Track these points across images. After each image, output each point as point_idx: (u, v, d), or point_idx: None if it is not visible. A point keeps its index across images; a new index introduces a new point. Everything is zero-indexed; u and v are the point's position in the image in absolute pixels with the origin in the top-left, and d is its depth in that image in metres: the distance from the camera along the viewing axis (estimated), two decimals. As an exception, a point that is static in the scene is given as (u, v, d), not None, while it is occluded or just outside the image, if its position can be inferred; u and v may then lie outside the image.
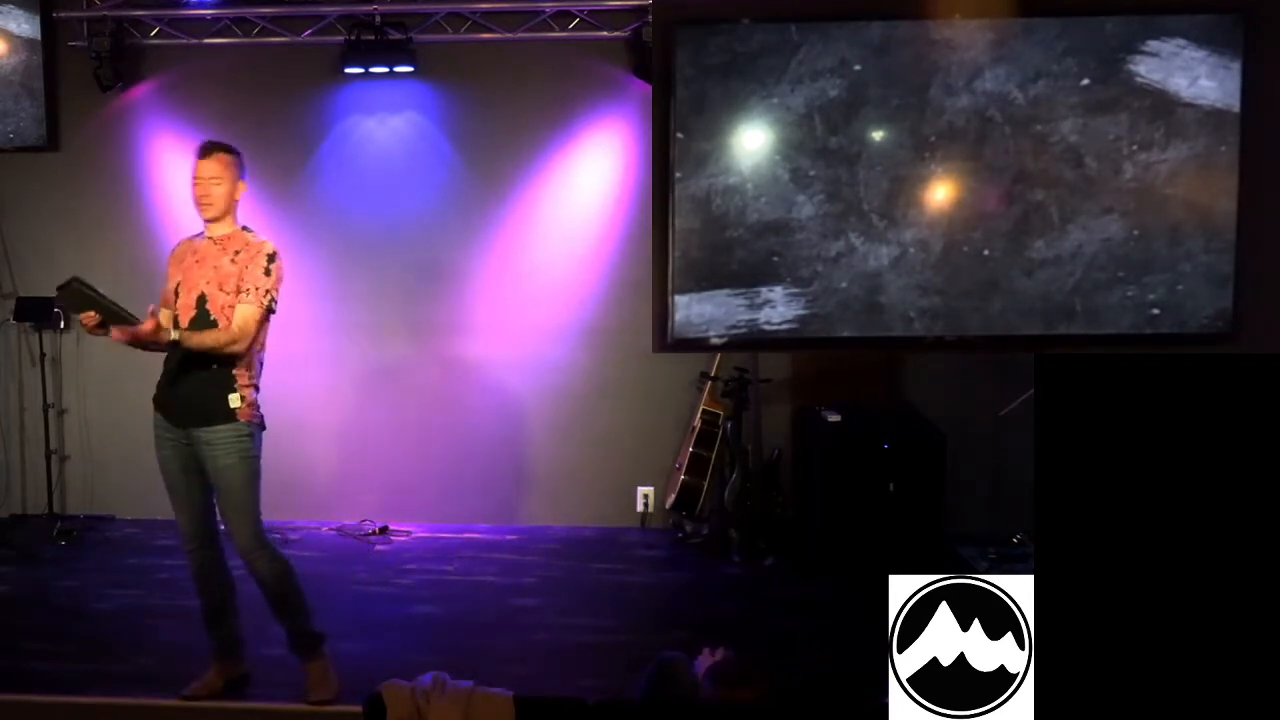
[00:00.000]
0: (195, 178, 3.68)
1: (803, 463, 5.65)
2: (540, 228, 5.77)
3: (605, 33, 5.55)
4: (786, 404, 5.75)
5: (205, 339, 3.63)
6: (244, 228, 3.78)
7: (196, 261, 3.73)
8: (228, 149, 3.74)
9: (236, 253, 3.70)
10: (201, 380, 3.67)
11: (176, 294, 3.74)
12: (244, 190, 3.77)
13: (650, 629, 4.55)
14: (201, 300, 3.69)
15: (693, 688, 2.54)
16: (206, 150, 3.71)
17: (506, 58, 5.67)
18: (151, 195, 5.83)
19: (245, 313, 3.65)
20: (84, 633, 4.46)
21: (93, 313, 3.53)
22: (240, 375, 3.69)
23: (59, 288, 3.54)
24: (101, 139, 5.80)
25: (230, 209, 3.72)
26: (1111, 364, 2.02)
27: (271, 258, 3.70)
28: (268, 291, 3.69)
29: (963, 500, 5.28)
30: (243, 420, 3.68)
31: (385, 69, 5.53)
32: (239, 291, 3.66)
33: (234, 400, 3.67)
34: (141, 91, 5.79)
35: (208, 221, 3.71)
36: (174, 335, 3.59)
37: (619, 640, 4.40)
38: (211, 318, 3.67)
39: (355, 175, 5.75)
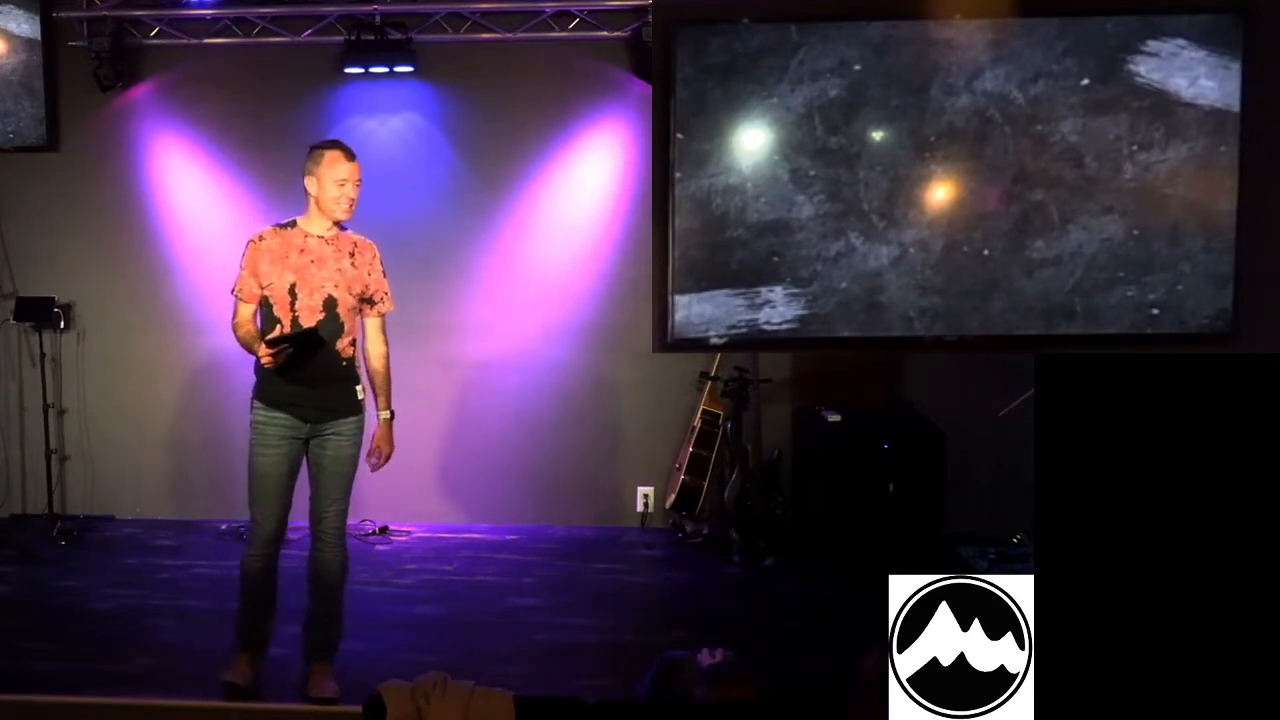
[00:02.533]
0: (343, 179, 3.70)
1: (803, 463, 5.66)
2: (540, 228, 5.77)
3: (605, 33, 5.55)
4: (786, 404, 5.75)
5: (387, 387, 3.95)
6: (338, 224, 3.81)
7: (312, 261, 3.73)
8: None
9: (351, 254, 3.79)
10: (336, 377, 3.79)
11: (292, 294, 3.71)
12: None
13: (650, 629, 4.55)
14: (330, 303, 3.74)
15: (693, 687, 2.54)
16: (354, 153, 3.76)
17: (506, 58, 5.67)
18: (152, 195, 5.84)
19: (382, 324, 3.91)
20: (84, 633, 4.46)
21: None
22: (358, 371, 3.88)
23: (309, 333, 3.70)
24: (101, 139, 5.80)
25: None
26: (1111, 364, 2.02)
27: (381, 257, 3.88)
28: (388, 293, 3.90)
29: (963, 500, 5.28)
30: (363, 413, 3.87)
31: (385, 69, 5.53)
32: (364, 299, 3.82)
33: (359, 393, 3.86)
34: (141, 91, 5.80)
35: (332, 224, 3.77)
36: (388, 415, 3.95)
37: (619, 640, 4.41)
38: (341, 320, 3.75)
39: (355, 175, 5.75)
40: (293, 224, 3.79)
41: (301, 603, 3.97)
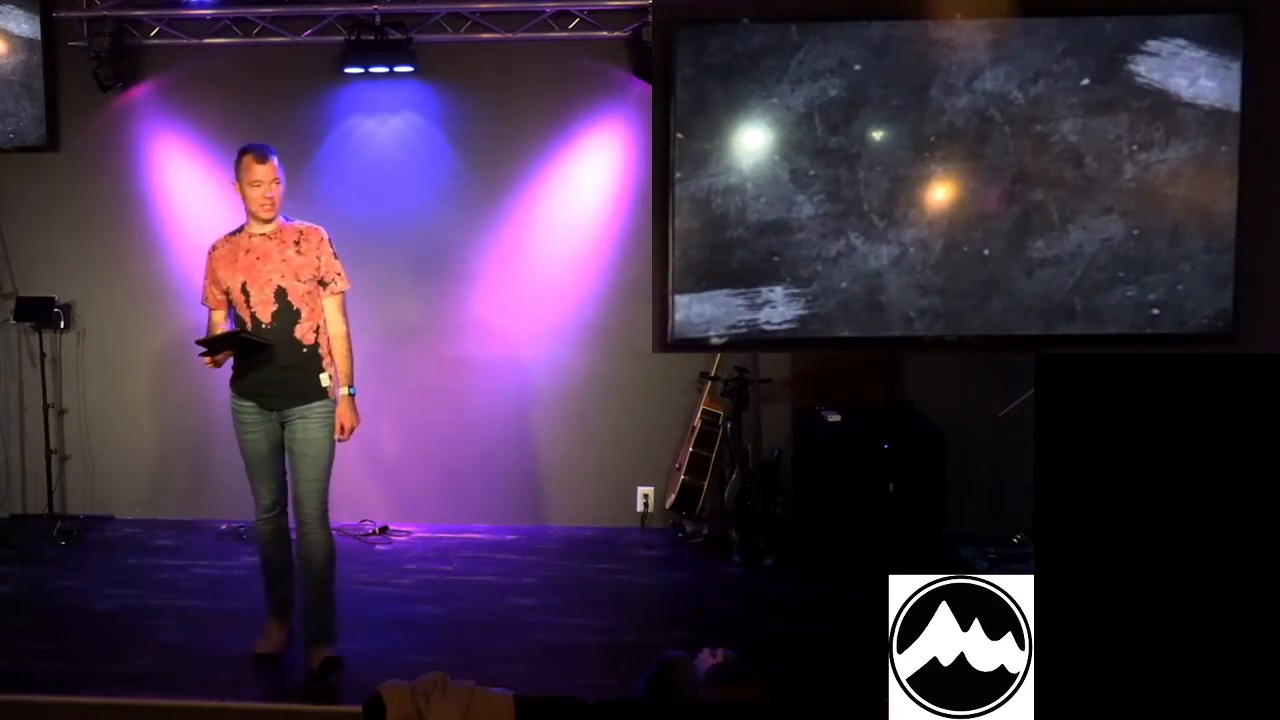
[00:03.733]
0: (257, 181, 3.91)
1: (803, 463, 5.65)
2: (540, 228, 5.77)
3: (605, 33, 5.55)
4: (786, 404, 5.75)
5: (346, 365, 4.05)
6: (284, 217, 4.04)
7: (257, 259, 3.96)
8: (275, 151, 4.01)
9: (297, 242, 4.00)
10: (296, 364, 3.99)
11: (245, 293, 3.95)
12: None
13: (650, 629, 4.55)
14: (281, 293, 3.96)
15: (694, 687, 2.54)
16: (264, 154, 3.95)
17: (506, 58, 5.66)
18: (151, 195, 5.84)
19: (340, 302, 4.06)
20: (84, 633, 4.46)
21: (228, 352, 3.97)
22: (325, 357, 4.04)
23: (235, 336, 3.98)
24: (101, 139, 5.80)
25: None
26: (1111, 364, 2.02)
27: (329, 239, 4.05)
28: (340, 273, 4.05)
29: (963, 500, 5.28)
30: (331, 398, 4.04)
31: (385, 69, 5.53)
32: (318, 281, 4.00)
33: (324, 380, 4.03)
34: (141, 91, 5.79)
35: (265, 221, 3.97)
36: (347, 392, 4.05)
37: (619, 640, 4.41)
38: (295, 308, 3.97)
39: (355, 175, 5.75)
40: (240, 229, 4.04)
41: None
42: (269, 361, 3.97)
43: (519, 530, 5.76)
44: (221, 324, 4.07)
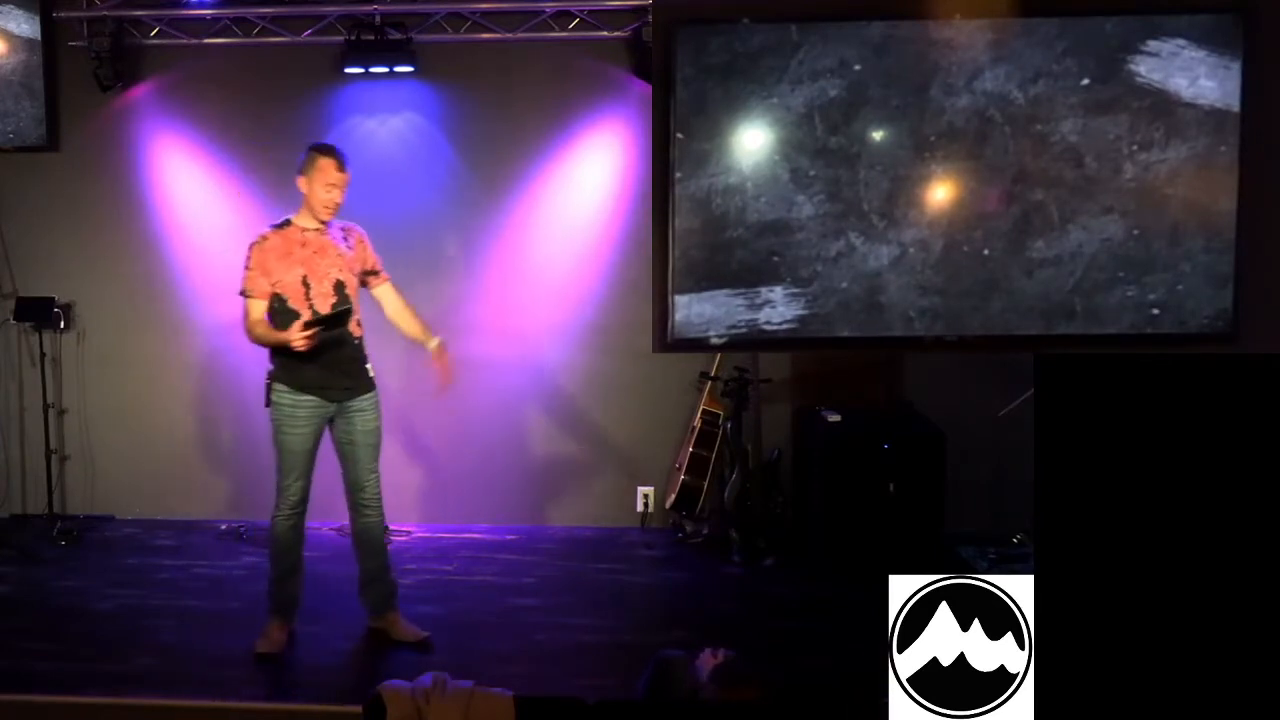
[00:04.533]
0: (334, 184, 4.06)
1: (803, 463, 5.65)
2: (540, 228, 5.77)
3: (605, 33, 5.55)
4: (786, 404, 5.75)
5: (419, 322, 4.34)
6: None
7: (315, 252, 4.08)
8: None
9: (345, 239, 4.16)
10: (352, 358, 4.16)
11: (305, 285, 4.05)
12: None
13: (650, 629, 4.55)
14: (340, 286, 4.10)
15: (693, 687, 2.54)
16: (345, 161, 4.11)
17: (506, 58, 5.66)
18: (151, 195, 5.83)
19: (393, 283, 4.32)
20: (84, 633, 4.46)
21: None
22: (367, 348, 4.23)
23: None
24: (101, 139, 5.80)
25: None
26: (1111, 364, 2.02)
27: (368, 236, 4.27)
28: (380, 263, 4.30)
29: (963, 500, 5.27)
30: (376, 387, 4.25)
31: (385, 69, 5.52)
32: (367, 273, 4.23)
33: (371, 370, 4.22)
34: (141, 91, 5.79)
35: (321, 220, 4.10)
36: (438, 342, 4.33)
37: (619, 640, 4.41)
38: (350, 301, 4.11)
39: (355, 175, 5.66)
40: (288, 223, 4.12)
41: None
42: (332, 354, 4.06)
43: (519, 530, 5.76)
44: (263, 315, 4.07)
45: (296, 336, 3.89)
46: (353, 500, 4.27)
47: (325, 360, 4.05)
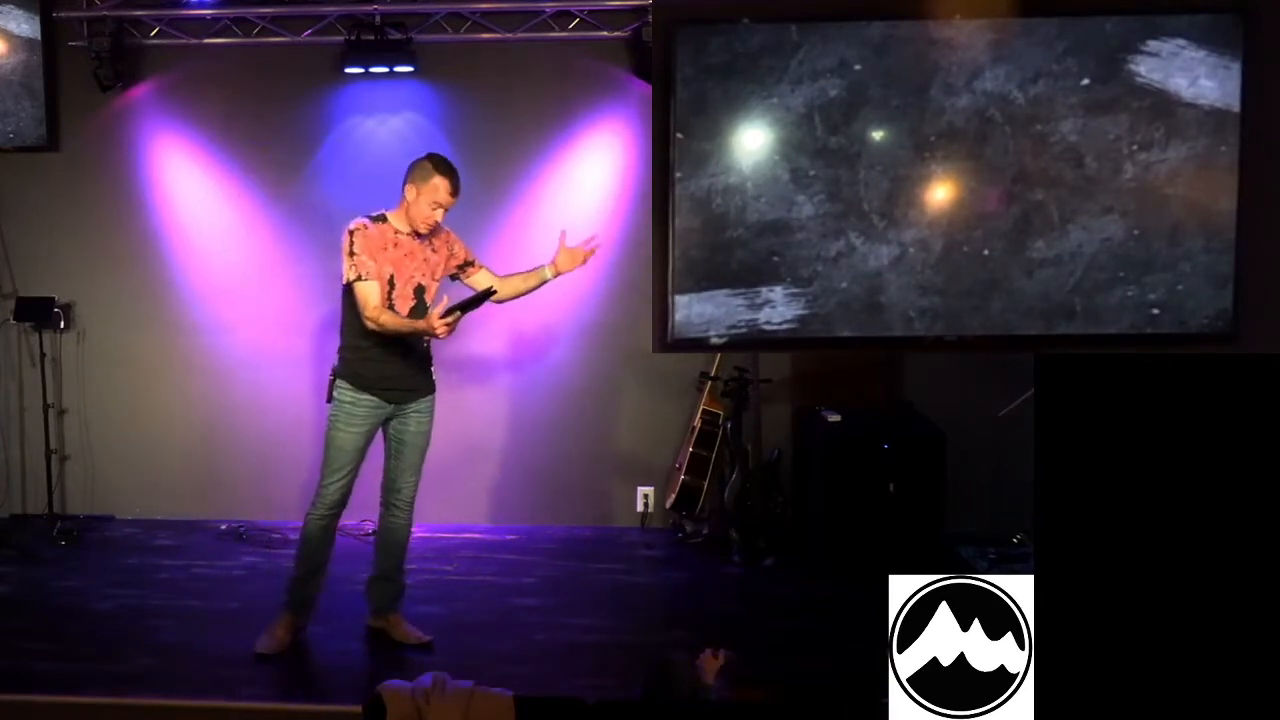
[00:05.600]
0: (442, 204, 4.01)
1: (803, 463, 5.65)
2: (540, 228, 5.76)
3: (605, 33, 5.55)
4: (786, 404, 5.75)
5: (522, 280, 4.34)
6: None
7: (405, 255, 4.07)
8: None
9: (430, 244, 4.14)
10: (421, 359, 4.18)
11: (390, 283, 4.02)
12: None
13: (650, 629, 4.55)
14: (420, 291, 4.10)
15: (694, 687, 2.54)
16: (458, 188, 4.04)
17: (506, 58, 5.66)
18: (151, 195, 5.83)
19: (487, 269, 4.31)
20: (84, 633, 4.46)
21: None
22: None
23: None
24: (101, 139, 5.80)
25: None
26: (1111, 364, 2.03)
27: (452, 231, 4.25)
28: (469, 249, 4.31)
29: (963, 500, 5.27)
30: (435, 389, 4.26)
31: (385, 69, 5.53)
32: (461, 265, 4.23)
33: (434, 372, 4.25)
34: (141, 91, 5.79)
35: (417, 233, 4.07)
36: (549, 269, 4.31)
37: (619, 640, 4.41)
38: (426, 306, 4.09)
39: (355, 175, 5.74)
40: (383, 218, 4.09)
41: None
42: (405, 355, 4.07)
43: (519, 530, 5.76)
44: (382, 299, 3.96)
45: (438, 324, 3.79)
46: (386, 498, 4.29)
47: (396, 361, 4.06)
